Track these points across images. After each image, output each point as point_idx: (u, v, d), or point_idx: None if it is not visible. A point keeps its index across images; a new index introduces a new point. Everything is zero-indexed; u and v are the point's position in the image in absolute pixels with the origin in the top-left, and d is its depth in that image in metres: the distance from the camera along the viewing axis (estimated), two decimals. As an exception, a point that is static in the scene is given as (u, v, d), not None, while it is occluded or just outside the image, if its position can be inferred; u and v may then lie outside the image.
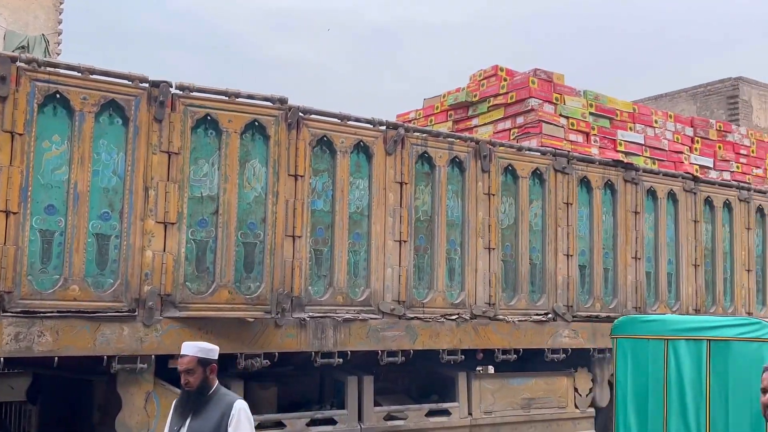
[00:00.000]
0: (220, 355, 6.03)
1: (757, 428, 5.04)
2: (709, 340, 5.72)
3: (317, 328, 6.19)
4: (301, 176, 6.20)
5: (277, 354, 6.07)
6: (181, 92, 5.79)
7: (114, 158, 5.50)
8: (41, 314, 5.10)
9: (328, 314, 6.26)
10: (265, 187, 6.03)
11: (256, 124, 6.04)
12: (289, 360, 6.47)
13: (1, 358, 4.99)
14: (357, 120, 6.61)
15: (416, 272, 6.84)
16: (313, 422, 6.35)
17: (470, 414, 7.15)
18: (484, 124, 8.49)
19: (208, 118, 5.88)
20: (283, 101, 6.15)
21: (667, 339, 5.96)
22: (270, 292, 5.95)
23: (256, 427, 6.01)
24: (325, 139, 6.39)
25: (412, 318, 6.71)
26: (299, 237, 6.14)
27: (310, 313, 6.17)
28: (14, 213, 5.04)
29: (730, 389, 5.63)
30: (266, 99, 6.12)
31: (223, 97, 5.95)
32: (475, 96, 8.64)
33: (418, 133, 7.02)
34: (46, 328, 5.11)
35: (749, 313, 9.10)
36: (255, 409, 6.21)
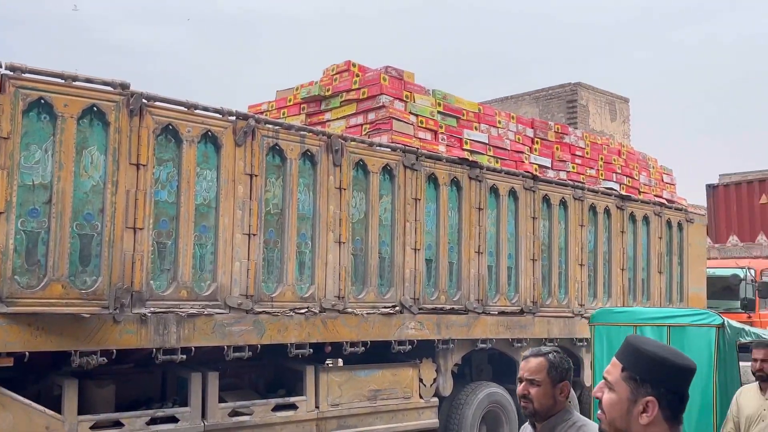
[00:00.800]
0: (53, 353, 5.72)
1: (705, 395, 6.32)
2: (669, 326, 6.87)
3: (159, 324, 5.96)
4: (144, 165, 5.93)
5: (114, 351, 5.79)
6: (12, 73, 5.37)
7: (-69, 141, 5.02)
8: None
9: (171, 309, 6.04)
10: (103, 176, 5.72)
11: (95, 109, 5.71)
12: (128, 357, 6.20)
13: None
14: (205, 109, 6.41)
15: (266, 266, 6.75)
16: (154, 421, 6.11)
17: (317, 407, 7.15)
18: (337, 119, 8.50)
19: (42, 101, 5.50)
20: (124, 86, 5.85)
21: (636, 325, 6.98)
22: (108, 287, 5.65)
23: (92, 428, 5.73)
24: (170, 127, 6.15)
25: (260, 312, 6.61)
26: (141, 229, 5.88)
27: (152, 309, 5.93)
28: None
29: None
30: (106, 83, 5.80)
31: (59, 80, 5.58)
32: (328, 90, 8.64)
33: (269, 125, 6.91)
34: None
35: (582, 305, 9.71)
36: (91, 409, 5.92)
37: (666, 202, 11.57)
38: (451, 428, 8.39)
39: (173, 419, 6.22)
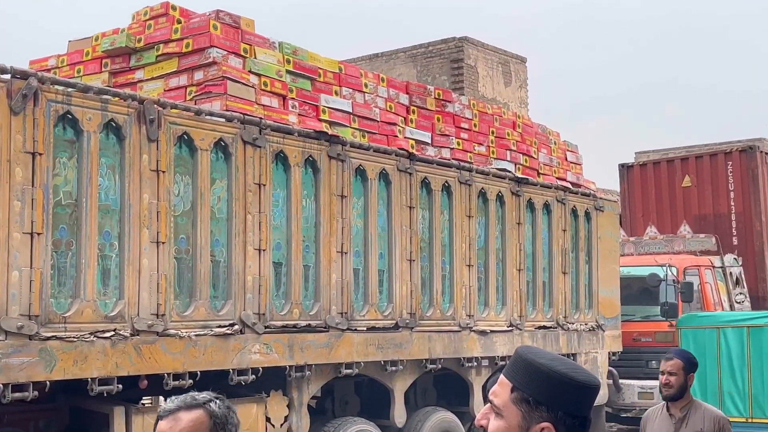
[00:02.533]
0: None
1: None
2: (748, 327, 11.46)
3: None
4: None
5: None
6: None
7: None
8: None
9: None
10: None
11: None
12: None
13: None
14: (-34, 64, 6.10)
15: (55, 275, 6.55)
16: None
17: (131, 461, 6.99)
18: (152, 79, 8.31)
19: None
20: None
21: (719, 328, 11.60)
22: None
23: None
24: None
25: (50, 337, 6.39)
26: None
27: None
28: None
29: (764, 360, 11.29)
30: None
31: None
32: (140, 41, 8.42)
33: (59, 87, 6.69)
34: None
35: (470, 316, 10.00)
36: None
37: (571, 186, 12.10)
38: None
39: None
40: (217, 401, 2.55)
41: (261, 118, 8.04)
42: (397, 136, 9.57)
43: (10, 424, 6.92)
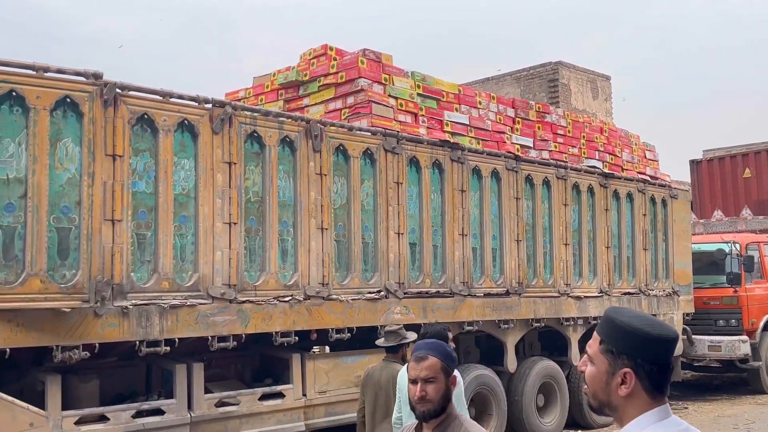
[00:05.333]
0: (34, 348, 5.71)
1: None
2: None
3: (141, 316, 5.97)
4: (120, 156, 5.92)
5: (97, 345, 5.79)
6: (-20, 65, 5.33)
7: None
8: None
9: (153, 301, 6.05)
10: (79, 168, 5.70)
11: (68, 100, 5.69)
12: (111, 350, 6.21)
13: None
14: (180, 97, 6.40)
15: (247, 255, 6.76)
16: (140, 414, 6.13)
17: (304, 395, 7.20)
18: (315, 104, 8.49)
19: (14, 94, 5.46)
20: (97, 76, 5.82)
21: None
22: (88, 280, 5.65)
23: (77, 423, 5.75)
24: (145, 117, 6.14)
25: (244, 301, 6.63)
26: (119, 221, 5.87)
27: (134, 301, 5.94)
28: None
29: None
30: (79, 74, 5.77)
31: (30, 72, 5.55)
32: (306, 75, 8.63)
33: (247, 112, 6.91)
34: None
35: (567, 284, 9.80)
36: (76, 404, 5.94)
37: (649, 179, 11.67)
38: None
39: (159, 411, 6.24)
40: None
41: (398, 132, 8.10)
42: (505, 142, 9.46)
43: (217, 366, 7.23)
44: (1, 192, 5.37)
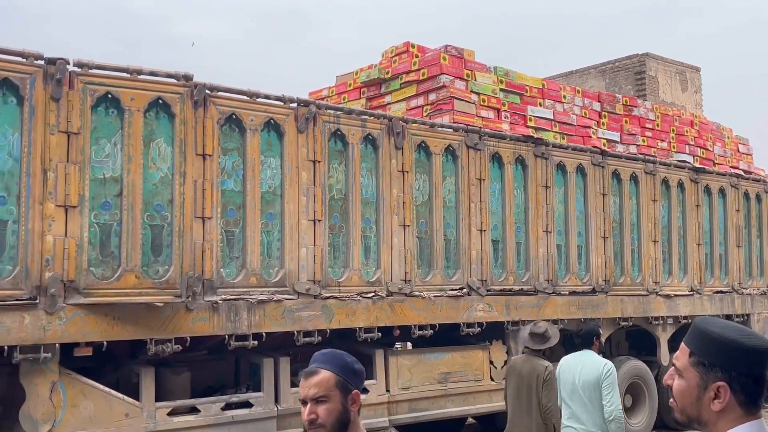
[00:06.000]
0: (129, 341, 5.95)
1: None
2: None
3: (230, 311, 6.14)
4: (210, 155, 6.10)
5: (188, 338, 5.99)
6: (80, 69, 5.59)
7: (9, 139, 5.28)
8: (-68, 305, 4.87)
9: (241, 296, 6.21)
10: (171, 167, 5.91)
11: (161, 102, 5.90)
12: (201, 344, 6.40)
13: None
14: (267, 97, 6.54)
15: (331, 251, 6.85)
16: (229, 406, 6.31)
17: (388, 390, 7.25)
18: (397, 101, 8.53)
19: (109, 96, 5.70)
20: (188, 78, 6.02)
21: None
22: (180, 276, 5.85)
23: (170, 413, 5.96)
24: (234, 117, 6.30)
25: (328, 297, 6.73)
26: (209, 218, 6.05)
27: (223, 296, 6.11)
28: None
29: None
30: (170, 76, 5.97)
31: (125, 75, 5.78)
32: (388, 73, 8.68)
33: (330, 111, 7.00)
34: (-62, 320, 4.88)
35: (656, 282, 9.53)
36: (168, 395, 6.16)
37: (743, 173, 11.22)
38: (524, 410, 8.38)
39: (247, 404, 6.41)
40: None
41: (480, 128, 8.05)
42: (591, 137, 9.28)
43: (302, 360, 7.33)
44: (98, 190, 5.61)
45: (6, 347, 5.17)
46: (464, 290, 7.68)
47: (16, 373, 5.37)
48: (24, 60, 5.37)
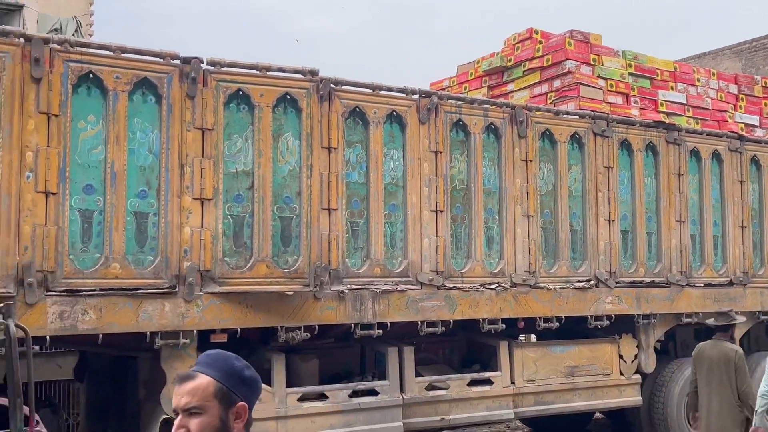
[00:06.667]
0: (261, 329, 6.19)
1: None
2: None
3: (356, 300, 6.26)
4: (335, 148, 6.23)
5: (317, 326, 6.16)
6: (213, 68, 5.84)
7: (149, 136, 5.59)
8: (84, 293, 5.24)
9: (366, 286, 6.32)
10: (299, 160, 6.08)
11: (288, 97, 6.08)
12: (329, 332, 6.57)
13: (47, 337, 5.15)
14: (389, 89, 6.60)
15: (454, 242, 6.85)
16: (356, 393, 6.45)
17: (513, 383, 7.19)
18: (520, 89, 8.41)
19: (240, 93, 5.93)
20: (314, 73, 6.17)
21: None
22: (308, 266, 6.02)
23: (300, 399, 6.16)
24: (357, 110, 6.41)
25: (451, 288, 6.74)
26: (335, 210, 6.19)
27: (349, 285, 6.24)
28: (53, 194, 5.17)
29: None
30: (297, 71, 6.14)
31: (254, 72, 5.99)
32: (510, 60, 8.57)
33: (452, 101, 6.99)
34: (89, 306, 5.26)
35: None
36: (297, 382, 6.36)
37: None
38: (656, 407, 8.10)
39: (373, 392, 6.52)
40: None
41: (608, 114, 7.81)
42: (727, 121, 8.81)
43: (425, 350, 7.41)
44: (231, 184, 5.86)
45: (149, 333, 5.50)
46: (591, 282, 7.49)
47: (158, 358, 5.69)
48: (161, 60, 5.67)
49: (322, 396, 6.32)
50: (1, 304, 4.22)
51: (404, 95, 6.66)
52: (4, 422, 4.08)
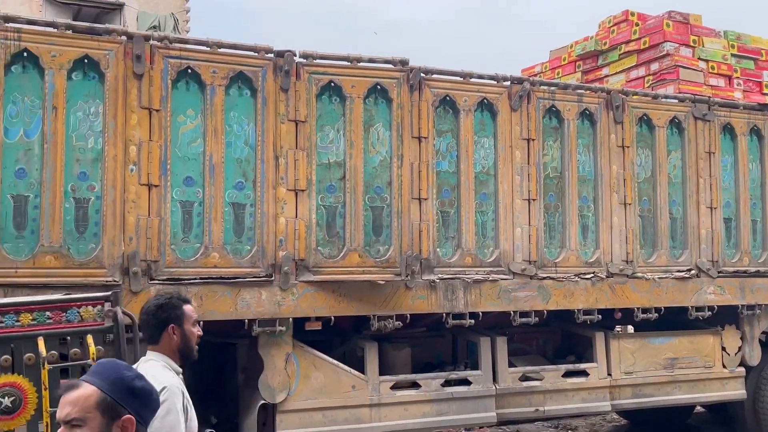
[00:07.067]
0: (354, 317, 6.28)
1: None
2: None
3: (447, 290, 6.26)
4: (425, 138, 6.23)
5: (408, 315, 6.20)
6: (305, 60, 5.93)
7: (245, 129, 5.74)
8: (185, 281, 5.45)
9: (457, 275, 6.31)
10: (389, 150, 6.11)
11: (379, 87, 6.11)
12: (420, 321, 6.60)
13: (152, 323, 5.36)
14: (480, 77, 6.54)
15: (547, 231, 6.75)
16: (448, 383, 6.45)
17: (610, 374, 7.03)
18: (616, 73, 8.18)
19: (332, 84, 6.00)
20: (404, 63, 6.18)
21: None
22: (399, 255, 6.06)
23: (392, 387, 6.22)
24: (447, 98, 6.38)
25: (545, 278, 6.64)
26: (425, 199, 6.20)
27: (440, 275, 6.25)
28: (156, 186, 5.38)
29: None
30: (387, 62, 6.17)
31: (346, 63, 6.06)
32: (605, 44, 8.34)
33: (544, 87, 6.87)
34: (190, 294, 5.44)
35: None
36: (390, 370, 6.43)
37: None
38: (762, 401, 7.76)
39: (466, 382, 6.51)
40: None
41: (709, 97, 7.51)
42: (841, 102, 8.29)
43: (518, 341, 7.35)
44: (324, 175, 5.95)
45: (246, 320, 5.67)
46: (692, 272, 7.23)
47: (255, 345, 5.86)
48: (256, 54, 5.80)
49: (414, 384, 6.36)
50: (110, 292, 4.42)
51: (495, 82, 6.59)
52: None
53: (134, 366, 2.85)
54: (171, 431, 2.83)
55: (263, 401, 5.82)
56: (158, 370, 2.99)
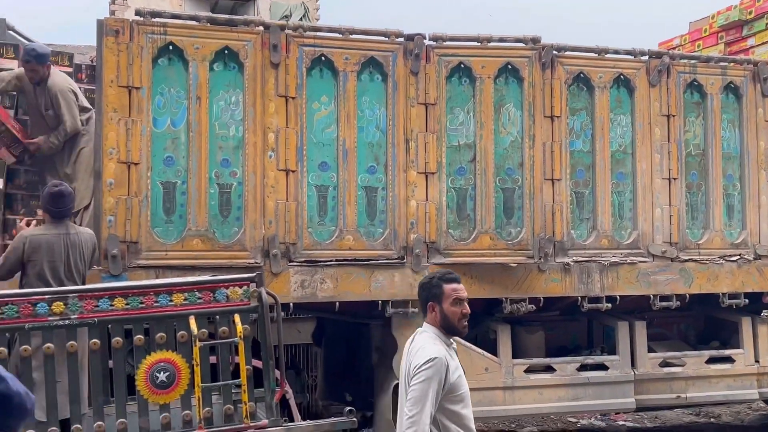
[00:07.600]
0: (485, 300, 6.25)
1: None
2: None
3: (582, 273, 6.12)
4: (558, 117, 6.09)
5: (542, 299, 6.11)
6: (435, 43, 5.94)
7: (376, 114, 5.82)
8: (322, 263, 5.61)
9: (593, 258, 6.16)
10: (521, 131, 6.03)
11: (509, 67, 6.03)
12: (554, 305, 6.49)
13: (291, 304, 5.58)
14: (615, 52, 6.32)
15: (689, 211, 6.47)
16: (583, 367, 6.33)
17: (757, 361, 6.67)
18: (763, 44, 7.71)
19: (462, 66, 5.97)
20: (535, 41, 6.06)
21: None
22: (531, 237, 5.98)
23: (526, 370, 6.16)
24: (581, 75, 6.21)
25: (687, 260, 6.38)
26: (558, 180, 6.07)
27: (574, 258, 6.11)
28: (293, 171, 5.57)
29: None
30: (518, 40, 6.07)
31: (475, 44, 6.01)
32: (750, 13, 7.86)
33: (685, 60, 6.57)
34: (326, 276, 5.62)
35: None
36: (523, 353, 6.36)
37: None
38: None
39: (602, 367, 6.36)
40: None
41: None
42: None
43: (658, 325, 7.09)
44: (454, 157, 5.94)
45: (380, 301, 5.77)
46: None
47: (389, 326, 5.96)
48: (386, 39, 5.86)
49: (548, 368, 6.27)
50: (254, 274, 4.63)
51: (632, 57, 6.35)
52: (258, 382, 4.49)
53: (411, 337, 3.40)
54: (421, 397, 3.14)
55: (397, 381, 5.91)
56: (428, 342, 3.31)
